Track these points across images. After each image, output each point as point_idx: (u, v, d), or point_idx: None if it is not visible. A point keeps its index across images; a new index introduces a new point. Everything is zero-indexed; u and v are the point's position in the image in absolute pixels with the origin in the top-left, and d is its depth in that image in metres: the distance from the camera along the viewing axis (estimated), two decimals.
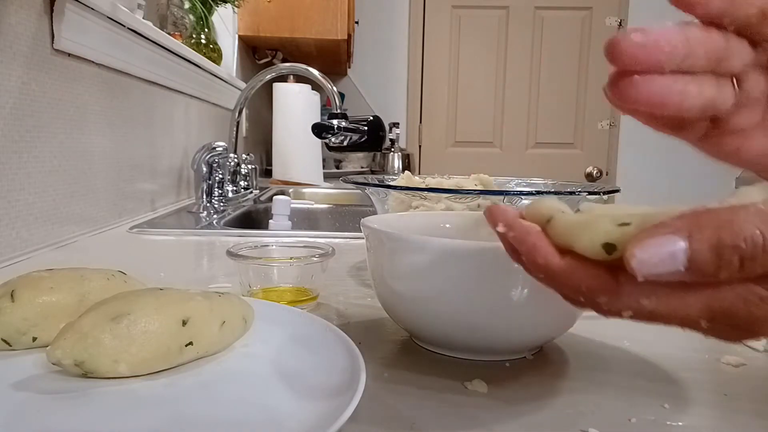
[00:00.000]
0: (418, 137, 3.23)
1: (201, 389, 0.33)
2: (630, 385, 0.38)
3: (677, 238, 0.19)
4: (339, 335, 0.38)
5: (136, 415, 0.30)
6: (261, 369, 0.36)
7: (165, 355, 0.34)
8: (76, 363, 0.32)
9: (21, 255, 0.69)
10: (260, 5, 1.98)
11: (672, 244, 0.19)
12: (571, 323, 0.42)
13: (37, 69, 0.71)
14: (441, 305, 0.39)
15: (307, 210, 1.41)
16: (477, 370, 0.39)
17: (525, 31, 3.17)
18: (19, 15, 0.68)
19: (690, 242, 0.19)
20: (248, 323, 0.40)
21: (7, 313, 0.37)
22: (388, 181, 0.73)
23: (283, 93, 1.85)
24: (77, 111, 0.82)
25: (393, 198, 0.62)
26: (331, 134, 1.31)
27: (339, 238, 0.90)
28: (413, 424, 0.31)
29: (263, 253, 0.55)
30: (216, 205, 1.20)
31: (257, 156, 2.15)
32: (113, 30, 0.90)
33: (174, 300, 0.36)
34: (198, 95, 1.43)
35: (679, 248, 0.19)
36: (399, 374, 0.38)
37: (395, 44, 3.19)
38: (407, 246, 0.40)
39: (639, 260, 0.19)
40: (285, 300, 0.50)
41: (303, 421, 0.29)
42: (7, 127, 0.66)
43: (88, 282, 0.40)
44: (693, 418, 0.33)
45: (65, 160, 0.79)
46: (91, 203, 0.88)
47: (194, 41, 1.54)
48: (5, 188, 0.66)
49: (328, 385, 0.33)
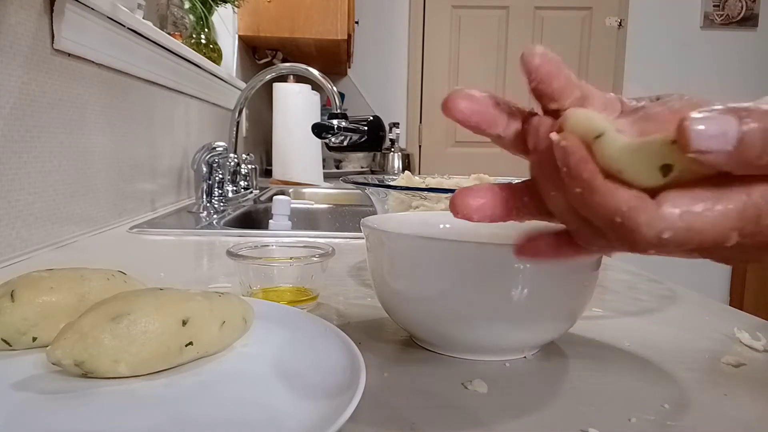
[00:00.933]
0: (418, 137, 3.23)
1: (201, 389, 0.33)
2: (630, 385, 0.38)
3: (732, 117, 0.20)
4: (339, 335, 0.38)
5: (136, 415, 0.30)
6: (261, 369, 0.36)
7: (165, 355, 0.34)
8: (76, 363, 0.32)
9: (21, 255, 0.69)
10: (260, 5, 1.98)
11: (727, 122, 0.20)
12: (571, 323, 0.42)
13: (37, 69, 0.71)
14: (441, 305, 0.39)
15: (307, 210, 1.41)
16: (477, 370, 0.39)
17: (525, 31, 3.17)
18: (19, 15, 0.68)
19: (741, 125, 0.20)
20: (248, 323, 0.40)
21: (7, 313, 0.37)
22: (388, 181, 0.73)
23: (283, 93, 1.85)
24: (77, 111, 0.82)
25: (393, 198, 0.62)
26: (331, 134, 1.31)
27: (339, 238, 0.90)
28: (413, 424, 0.31)
29: (263, 253, 0.55)
30: (216, 205, 1.20)
31: (257, 156, 2.15)
32: (113, 30, 0.90)
33: (174, 300, 0.36)
34: (198, 95, 1.43)
35: (732, 126, 0.20)
36: (399, 374, 0.38)
37: (395, 44, 3.19)
38: (407, 246, 0.40)
39: (695, 131, 0.20)
40: (285, 300, 0.50)
41: (303, 421, 0.29)
42: (7, 127, 0.66)
43: (88, 282, 0.40)
44: (693, 418, 0.33)
45: (65, 160, 0.79)
46: (91, 203, 0.88)
47: (194, 41, 1.54)
48: (5, 188, 0.66)
49: (328, 385, 0.33)
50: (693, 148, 0.20)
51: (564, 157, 0.24)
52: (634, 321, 0.52)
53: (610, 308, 0.55)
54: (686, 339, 0.47)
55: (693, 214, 0.22)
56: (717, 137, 0.20)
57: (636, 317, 0.53)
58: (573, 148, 0.24)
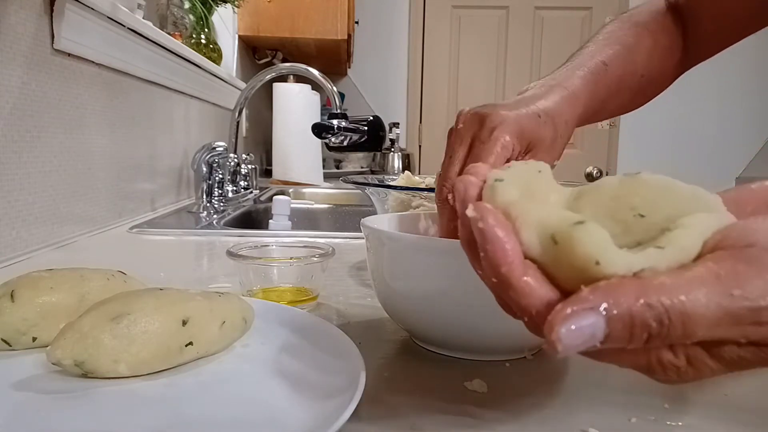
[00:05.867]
0: (418, 137, 3.23)
1: (201, 389, 0.33)
2: (630, 385, 0.38)
3: (592, 314, 0.20)
4: (339, 335, 0.38)
5: (136, 415, 0.30)
6: (261, 369, 0.36)
7: (165, 355, 0.34)
8: (76, 363, 0.32)
9: (21, 255, 0.69)
10: (260, 5, 1.98)
11: (592, 325, 0.20)
12: None
13: (37, 69, 0.71)
14: (441, 305, 0.38)
15: (307, 210, 1.41)
16: (477, 370, 0.39)
17: (525, 31, 3.17)
18: (19, 15, 0.68)
19: (607, 317, 0.20)
20: (248, 323, 0.40)
21: (7, 313, 0.37)
22: (388, 181, 0.73)
23: (283, 93, 1.85)
24: (77, 111, 0.82)
25: (393, 198, 0.62)
26: (331, 134, 1.31)
27: (339, 238, 0.90)
28: (413, 424, 0.31)
29: (263, 253, 0.55)
30: (216, 205, 1.20)
31: (257, 156, 2.15)
32: (113, 30, 0.90)
33: (174, 300, 0.36)
34: (198, 95, 1.43)
35: (597, 324, 0.20)
36: (399, 374, 0.38)
37: (395, 44, 3.19)
38: (407, 246, 0.40)
39: (559, 338, 0.20)
40: (285, 300, 0.50)
41: (303, 421, 0.29)
42: (7, 127, 0.66)
43: (88, 282, 0.40)
44: (693, 418, 0.33)
45: (65, 160, 0.79)
46: (91, 203, 0.88)
47: (194, 41, 1.54)
48: (5, 188, 0.66)
49: (328, 385, 0.33)
50: (560, 354, 0.20)
51: (480, 241, 0.22)
52: None
53: None
54: None
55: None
56: (586, 341, 0.20)
57: None
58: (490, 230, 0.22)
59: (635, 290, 0.20)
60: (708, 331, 0.20)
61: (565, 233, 0.21)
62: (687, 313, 0.20)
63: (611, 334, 0.20)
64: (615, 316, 0.20)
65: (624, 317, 0.20)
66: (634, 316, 0.20)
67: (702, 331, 0.20)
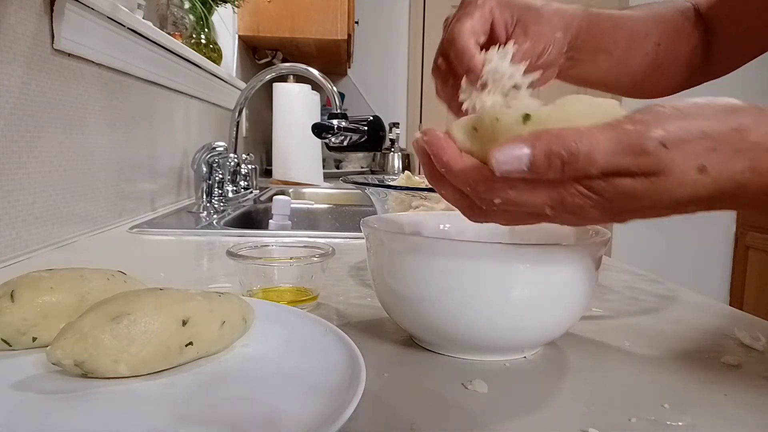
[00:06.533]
0: None
1: (201, 389, 0.33)
2: (630, 385, 0.38)
3: (524, 146, 0.28)
4: (339, 335, 0.38)
5: (136, 415, 0.30)
6: (261, 369, 0.36)
7: (165, 355, 0.34)
8: (76, 363, 0.32)
9: (21, 255, 0.69)
10: (260, 5, 1.98)
11: (519, 150, 0.28)
12: (571, 323, 0.42)
13: (37, 69, 0.71)
14: (441, 305, 0.39)
15: (307, 210, 1.41)
16: (477, 370, 0.39)
17: None
18: (19, 15, 0.68)
19: (531, 150, 0.28)
20: (248, 323, 0.40)
21: (7, 313, 0.37)
22: (388, 181, 0.73)
23: (283, 93, 1.85)
24: (77, 111, 0.82)
25: (393, 198, 0.62)
26: (331, 134, 1.31)
27: (339, 238, 0.90)
28: (413, 425, 0.31)
29: (263, 253, 0.55)
30: (216, 205, 1.20)
31: (257, 156, 2.15)
32: (113, 30, 0.90)
33: (174, 300, 0.36)
34: (198, 95, 1.43)
35: (524, 153, 0.28)
36: (399, 374, 0.38)
37: (395, 44, 3.19)
38: (407, 246, 0.40)
39: (497, 160, 0.28)
40: (285, 300, 0.50)
41: (303, 421, 0.29)
42: (7, 127, 0.66)
43: (88, 282, 0.40)
44: (693, 418, 0.33)
45: (65, 160, 0.79)
46: (91, 203, 0.88)
47: (194, 41, 1.54)
48: (5, 188, 0.66)
49: (328, 385, 0.33)
50: (498, 174, 0.29)
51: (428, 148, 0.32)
52: (634, 321, 0.52)
53: (610, 308, 0.55)
54: (686, 339, 0.47)
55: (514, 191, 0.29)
56: (514, 162, 0.28)
57: (636, 317, 0.53)
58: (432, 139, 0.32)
59: (552, 134, 0.28)
60: (607, 159, 0.27)
61: (478, 118, 0.31)
62: (591, 143, 0.27)
63: (534, 161, 0.28)
64: (536, 146, 0.28)
65: (543, 147, 0.27)
66: (551, 146, 0.27)
67: (603, 158, 0.27)
